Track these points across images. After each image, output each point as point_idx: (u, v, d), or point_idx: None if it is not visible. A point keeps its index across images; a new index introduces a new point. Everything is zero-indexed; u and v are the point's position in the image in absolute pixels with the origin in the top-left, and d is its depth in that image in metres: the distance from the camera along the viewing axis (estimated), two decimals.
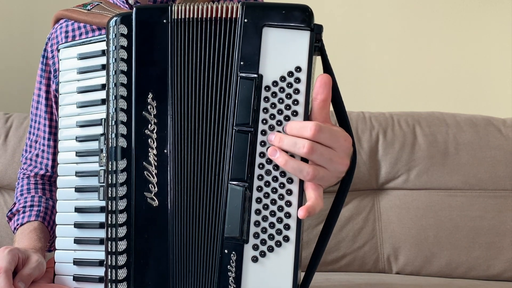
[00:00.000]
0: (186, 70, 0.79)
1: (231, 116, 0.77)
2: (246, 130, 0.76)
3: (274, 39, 0.76)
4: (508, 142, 1.64)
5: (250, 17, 0.77)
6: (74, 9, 1.11)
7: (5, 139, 1.67)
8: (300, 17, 0.76)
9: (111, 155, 0.80)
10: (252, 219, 0.75)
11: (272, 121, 0.75)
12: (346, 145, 0.76)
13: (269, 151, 0.74)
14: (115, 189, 0.80)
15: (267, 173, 0.75)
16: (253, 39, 0.76)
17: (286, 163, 0.73)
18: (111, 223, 0.80)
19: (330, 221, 0.84)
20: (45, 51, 1.14)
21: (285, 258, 0.75)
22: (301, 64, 0.75)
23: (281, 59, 0.76)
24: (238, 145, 0.76)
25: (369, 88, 2.08)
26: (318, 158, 0.73)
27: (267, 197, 0.75)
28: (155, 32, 0.80)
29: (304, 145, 0.72)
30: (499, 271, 1.57)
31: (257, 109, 0.76)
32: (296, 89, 0.75)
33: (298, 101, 0.75)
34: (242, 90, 0.76)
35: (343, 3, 2.09)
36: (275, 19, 0.76)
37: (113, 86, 0.81)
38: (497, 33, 2.02)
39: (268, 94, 0.76)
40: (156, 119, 0.79)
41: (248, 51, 0.76)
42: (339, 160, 0.74)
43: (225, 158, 0.77)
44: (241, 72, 0.76)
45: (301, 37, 0.76)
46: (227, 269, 0.76)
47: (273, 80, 0.76)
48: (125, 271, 0.79)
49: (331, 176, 0.75)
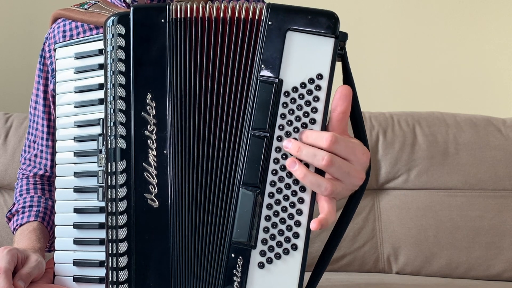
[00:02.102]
0: (186, 70, 0.78)
1: (247, 119, 0.75)
2: (262, 135, 0.74)
3: (297, 44, 0.74)
4: (508, 142, 1.64)
5: (274, 20, 0.75)
6: (71, 8, 1.10)
7: (5, 139, 1.67)
8: (326, 23, 0.74)
9: (110, 156, 0.80)
10: (261, 225, 0.74)
11: (289, 128, 0.74)
12: (364, 159, 0.74)
13: (288, 162, 0.72)
14: (114, 191, 0.79)
15: (280, 180, 0.74)
16: (276, 42, 0.75)
17: (304, 176, 0.71)
18: (111, 224, 0.79)
19: (338, 231, 0.83)
20: (43, 51, 1.14)
21: (292, 266, 0.74)
22: (323, 72, 0.73)
23: (303, 65, 0.74)
24: (252, 149, 0.74)
25: (369, 88, 2.07)
26: (336, 171, 0.71)
27: (278, 204, 0.74)
28: (153, 32, 0.79)
29: (323, 157, 0.70)
30: (499, 271, 1.57)
31: (274, 114, 0.74)
32: (316, 97, 0.73)
33: (317, 108, 0.73)
34: (261, 94, 0.74)
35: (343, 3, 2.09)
36: (300, 23, 0.74)
37: (111, 86, 0.80)
38: (497, 33, 2.02)
39: (287, 100, 0.74)
40: (155, 119, 0.78)
41: (270, 54, 0.75)
42: (356, 174, 0.73)
43: (233, 161, 0.76)
44: (261, 75, 0.75)
45: (325, 44, 0.74)
46: (233, 273, 0.75)
47: (293, 86, 0.74)
48: (126, 273, 0.78)
49: (346, 190, 0.74)
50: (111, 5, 1.07)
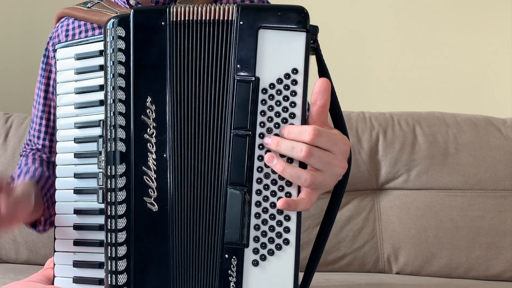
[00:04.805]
0: (184, 73, 0.78)
1: (228, 119, 0.76)
2: (244, 133, 0.75)
3: (270, 41, 0.75)
4: (508, 142, 1.64)
5: (245, 19, 0.76)
6: (75, 7, 1.11)
7: (5, 139, 1.67)
8: (296, 18, 0.75)
9: (109, 159, 0.79)
10: (252, 223, 0.75)
11: (270, 124, 0.75)
12: (345, 148, 0.75)
13: (266, 157, 0.73)
14: (114, 194, 0.79)
15: (266, 176, 0.75)
16: (249, 42, 0.76)
17: (283, 170, 0.72)
18: (110, 228, 0.79)
19: (327, 224, 0.84)
20: (47, 50, 1.14)
21: (286, 261, 0.75)
22: (298, 66, 0.75)
23: (278, 61, 0.75)
24: (236, 149, 0.75)
25: (369, 88, 2.08)
26: (316, 162, 0.72)
27: (266, 200, 0.75)
28: (153, 35, 0.79)
29: (302, 149, 0.71)
30: (499, 271, 1.57)
31: (254, 112, 0.75)
32: (293, 91, 0.74)
33: (295, 103, 0.74)
34: (239, 93, 0.75)
35: (343, 3, 2.09)
36: (270, 20, 0.75)
37: (111, 89, 0.80)
38: (497, 33, 2.02)
39: (265, 97, 0.75)
40: (155, 123, 0.78)
41: (245, 54, 0.76)
42: (338, 163, 0.74)
43: (223, 162, 0.76)
44: (237, 75, 0.76)
45: (297, 39, 0.75)
46: (228, 274, 0.75)
47: (270, 83, 0.75)
48: (125, 277, 0.78)
49: (329, 180, 0.75)
50: (114, 4, 1.07)
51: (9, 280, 1.40)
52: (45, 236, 1.63)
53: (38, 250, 1.64)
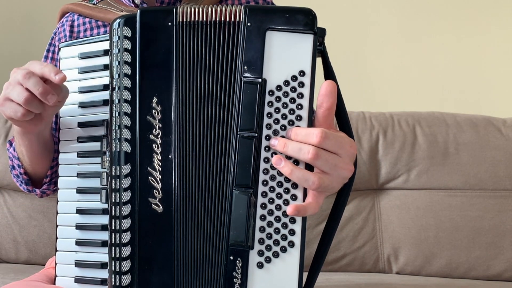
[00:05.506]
0: (191, 74, 0.78)
1: (234, 121, 0.76)
2: (251, 135, 0.75)
3: (277, 43, 0.75)
4: (508, 142, 1.64)
5: (253, 21, 0.76)
6: (80, 3, 1.11)
7: (5, 139, 1.67)
8: (303, 20, 0.75)
9: (114, 159, 0.79)
10: (257, 225, 0.75)
11: (276, 126, 0.75)
12: (352, 151, 0.75)
13: (274, 159, 0.73)
14: (118, 194, 0.78)
15: (272, 179, 0.75)
16: (257, 43, 0.76)
17: (291, 172, 0.72)
18: (114, 228, 0.79)
19: (331, 226, 0.84)
20: (52, 46, 1.14)
21: (291, 263, 0.75)
22: (305, 68, 0.75)
23: (285, 63, 0.75)
24: (242, 150, 0.75)
25: (369, 88, 2.08)
26: (323, 164, 0.72)
27: (272, 202, 0.75)
28: (159, 35, 0.78)
29: (309, 151, 0.71)
30: (499, 271, 1.57)
31: (261, 114, 0.75)
32: (300, 94, 0.74)
33: (302, 105, 0.74)
34: (246, 95, 0.75)
35: (344, 3, 2.09)
36: (278, 22, 0.75)
37: (116, 89, 0.79)
38: (497, 34, 2.02)
39: (272, 99, 0.75)
40: (160, 123, 0.78)
41: (252, 55, 0.76)
42: (344, 166, 0.74)
43: (229, 163, 0.76)
44: (244, 76, 0.76)
45: (305, 41, 0.75)
46: (233, 275, 0.75)
47: (277, 85, 0.75)
48: (129, 277, 0.78)
49: (336, 182, 0.75)
50: (119, 2, 1.07)
51: (9, 280, 1.40)
52: (45, 236, 1.63)
53: (38, 250, 1.63)
